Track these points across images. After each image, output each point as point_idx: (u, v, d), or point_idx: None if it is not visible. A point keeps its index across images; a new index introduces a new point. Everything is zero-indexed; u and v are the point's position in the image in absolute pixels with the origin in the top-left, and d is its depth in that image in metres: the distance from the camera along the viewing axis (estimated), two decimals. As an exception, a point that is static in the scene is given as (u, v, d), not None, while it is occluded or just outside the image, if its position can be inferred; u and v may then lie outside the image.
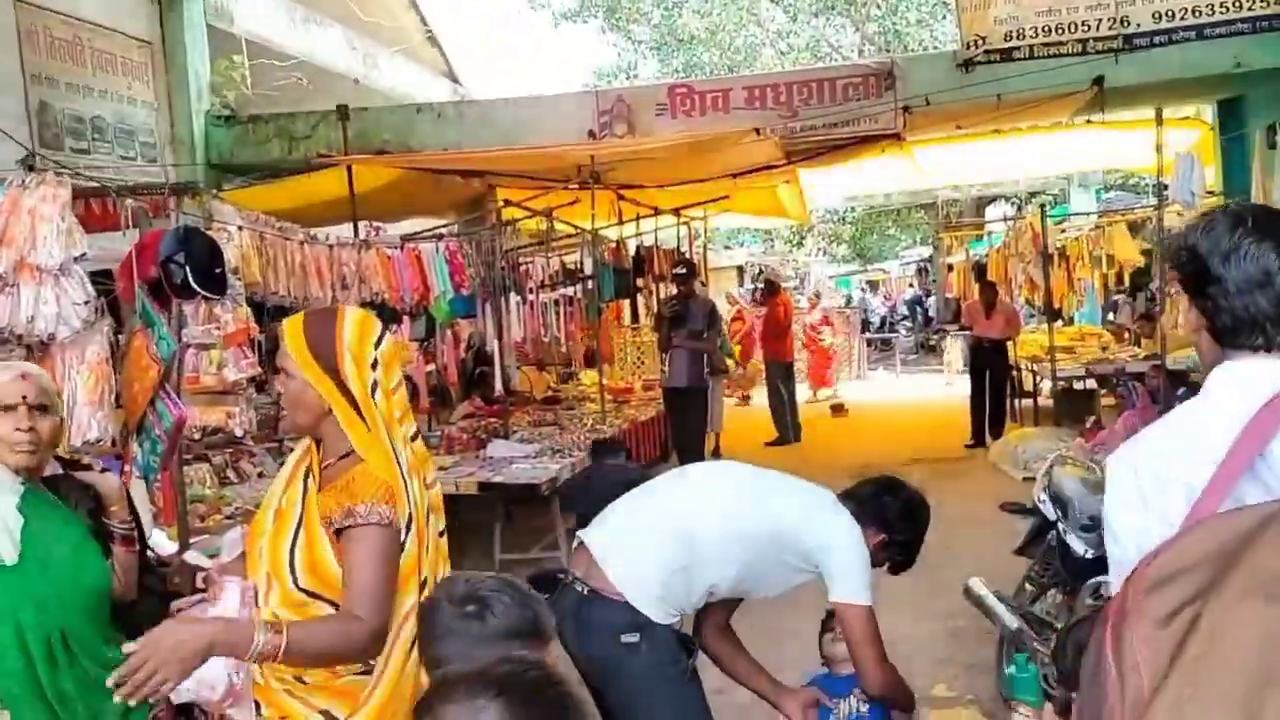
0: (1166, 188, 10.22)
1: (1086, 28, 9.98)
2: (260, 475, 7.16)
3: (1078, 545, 4.39)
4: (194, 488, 6.03)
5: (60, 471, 2.80)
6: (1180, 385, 9.82)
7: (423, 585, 2.27)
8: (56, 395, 2.72)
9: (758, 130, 9.74)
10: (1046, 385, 12.53)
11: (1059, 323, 13.67)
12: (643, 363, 15.26)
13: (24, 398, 2.51)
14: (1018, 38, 10.16)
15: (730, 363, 14.67)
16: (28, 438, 2.50)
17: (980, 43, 10.23)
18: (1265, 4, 9.52)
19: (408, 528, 2.22)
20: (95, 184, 4.93)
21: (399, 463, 2.24)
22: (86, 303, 3.66)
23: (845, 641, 3.17)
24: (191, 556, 2.73)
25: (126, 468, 3.80)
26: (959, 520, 8.12)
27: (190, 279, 4.11)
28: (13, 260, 3.55)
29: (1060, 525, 4.58)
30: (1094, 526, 4.38)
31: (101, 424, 3.67)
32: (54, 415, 2.60)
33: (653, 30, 25.82)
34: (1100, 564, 4.32)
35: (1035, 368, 12.20)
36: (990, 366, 11.58)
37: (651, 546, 3.06)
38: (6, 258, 3.55)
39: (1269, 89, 10.05)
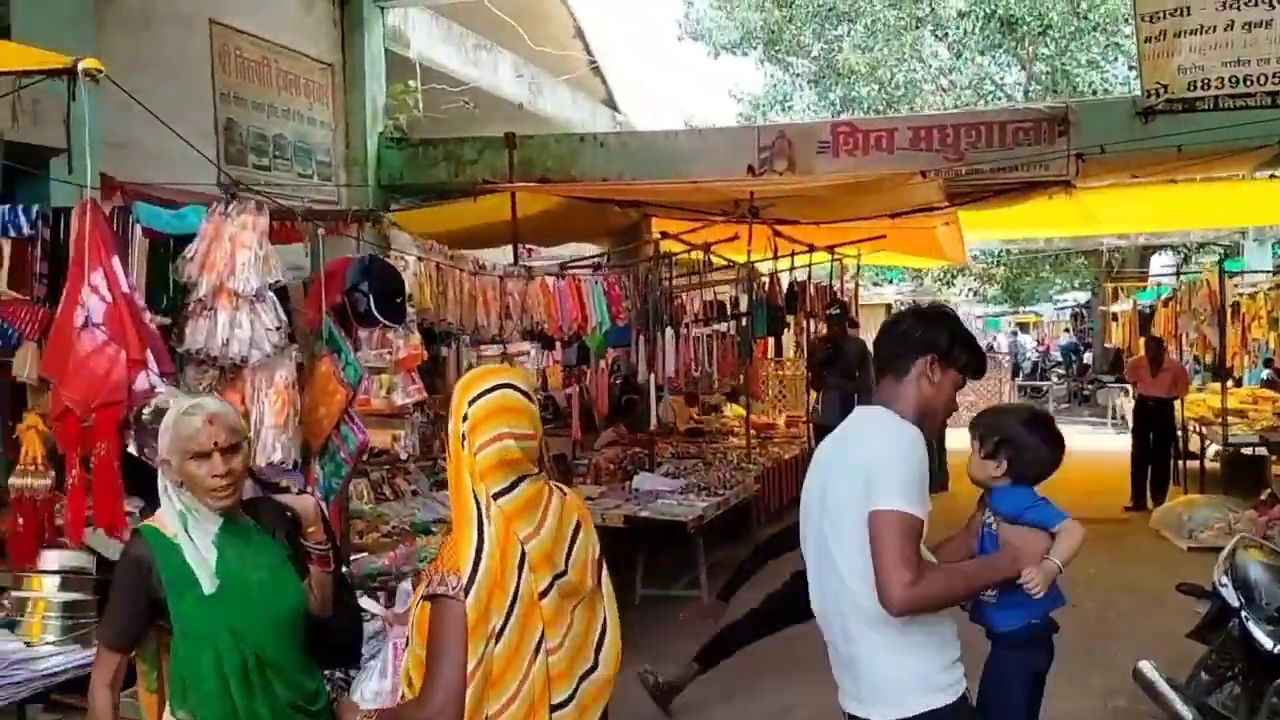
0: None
1: (1278, 79, 9.49)
2: (414, 493, 7.34)
3: (1264, 638, 4.14)
4: (352, 504, 6.20)
5: (259, 495, 2.89)
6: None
7: (494, 637, 2.27)
8: (243, 424, 2.81)
9: (924, 173, 9.55)
10: (1213, 449, 11.94)
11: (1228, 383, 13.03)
12: (784, 397, 15.15)
13: (215, 443, 2.59)
14: (1202, 88, 9.72)
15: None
16: (224, 483, 2.58)
17: (1162, 91, 9.83)
18: None
19: (470, 583, 2.25)
20: (280, 203, 5.13)
21: (475, 519, 2.29)
22: (278, 328, 3.80)
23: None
24: (366, 601, 2.82)
25: (309, 489, 3.92)
26: (1119, 590, 7.77)
27: (373, 307, 4.23)
28: (213, 285, 3.71)
29: (1244, 614, 4.33)
30: (1281, 619, 4.13)
31: (286, 446, 3.80)
32: (244, 448, 2.68)
33: (811, 63, 25.67)
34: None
35: (1203, 430, 11.61)
36: (1155, 426, 11.08)
37: None
38: (207, 283, 3.71)
39: None
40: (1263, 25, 9.44)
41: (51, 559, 3.38)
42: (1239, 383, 13.81)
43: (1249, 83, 9.57)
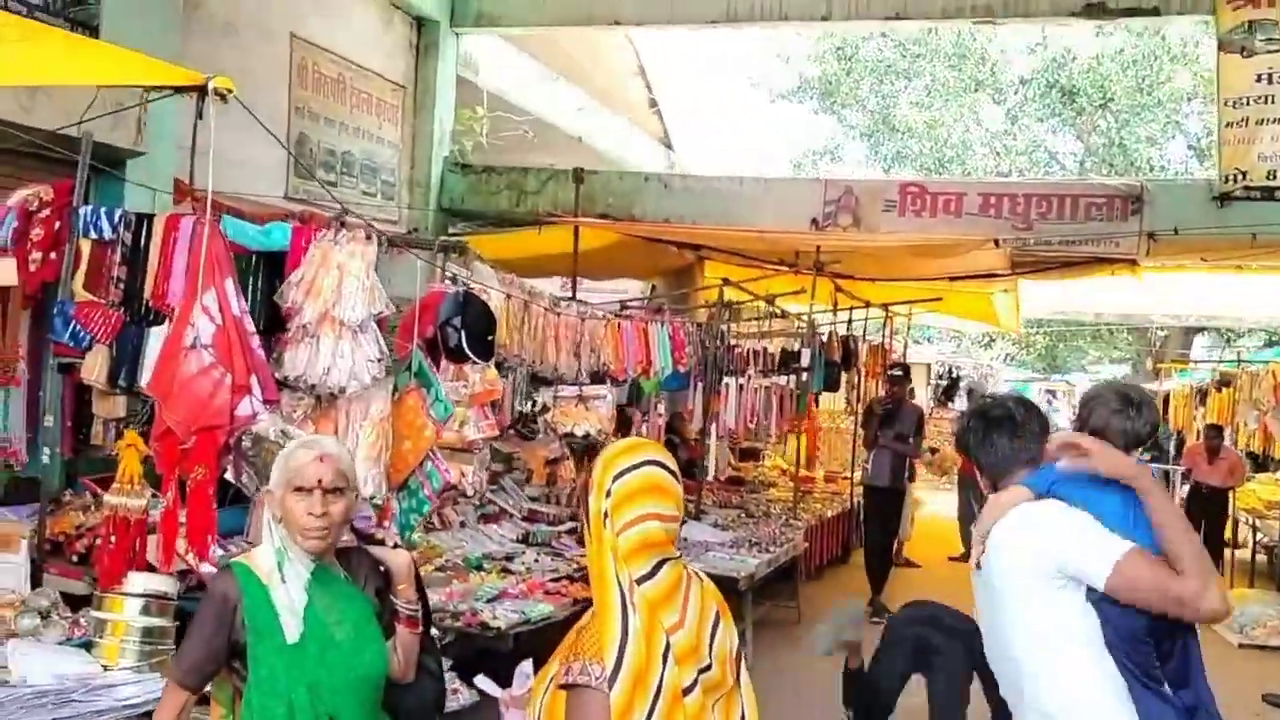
0: None
1: (1361, 173, 9.36)
2: (462, 525, 7.22)
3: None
4: (406, 533, 6.10)
5: (354, 544, 2.78)
6: None
7: None
8: (354, 472, 2.70)
9: (997, 241, 9.45)
10: (1262, 539, 11.69)
11: (1271, 474, 12.81)
12: (821, 450, 14.99)
13: (319, 481, 2.49)
14: (1282, 177, 9.60)
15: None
16: (319, 524, 2.48)
17: (1240, 177, 9.71)
18: None
19: (615, 674, 2.12)
20: (378, 230, 5.07)
21: (619, 605, 2.16)
22: (379, 360, 3.71)
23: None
24: (481, 681, 2.72)
25: (386, 523, 3.82)
26: (1174, 684, 7.57)
27: (465, 343, 4.15)
28: (318, 312, 3.62)
29: (1339, 733, 4.15)
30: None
31: (376, 480, 3.71)
32: (348, 495, 2.57)
33: (866, 116, 25.69)
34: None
35: (1257, 522, 11.37)
36: (1208, 515, 10.86)
37: None
38: (312, 309, 3.63)
39: None
40: (1349, 119, 9.32)
41: (137, 582, 3.28)
42: (1284, 474, 13.57)
43: (1330, 175, 9.44)
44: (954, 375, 24.00)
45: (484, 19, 11.62)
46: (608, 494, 2.22)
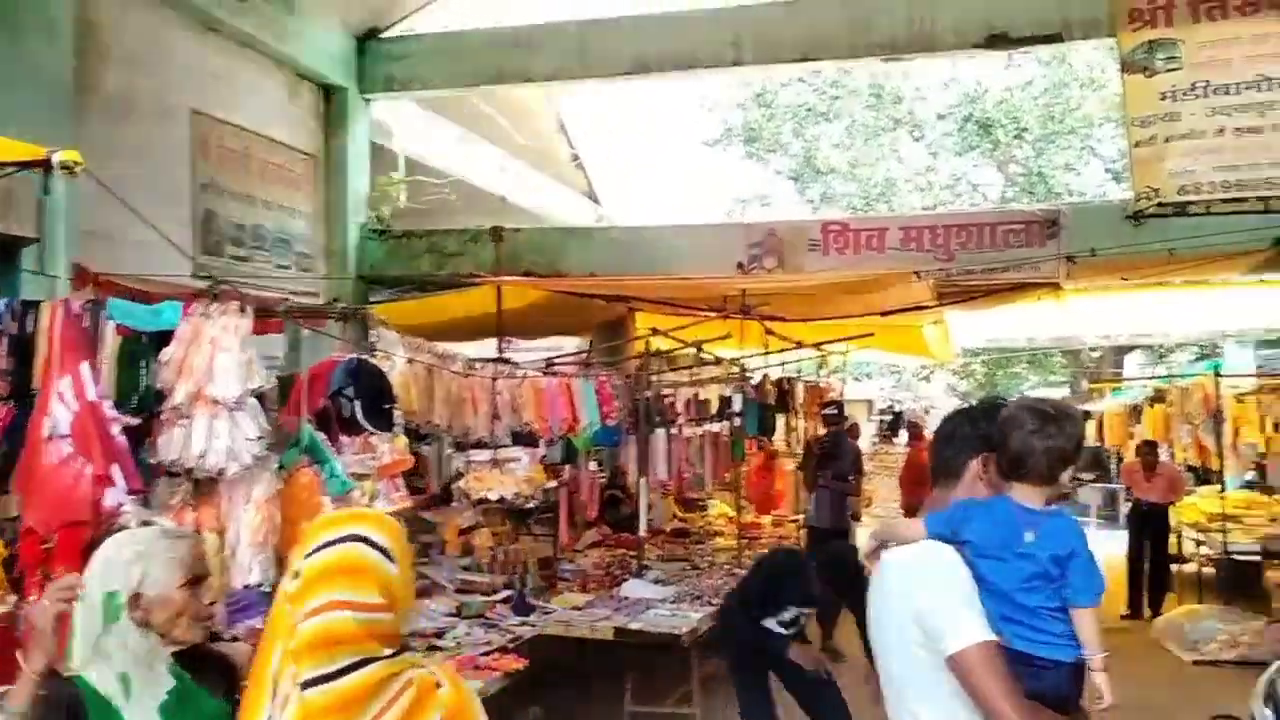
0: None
1: (1270, 185, 9.47)
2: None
3: (1317, 781, 3.82)
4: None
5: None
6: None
7: None
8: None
9: (919, 274, 9.44)
10: (1204, 553, 11.69)
11: (1210, 487, 12.85)
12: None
13: (201, 573, 2.28)
14: (1193, 192, 9.69)
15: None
16: (213, 610, 2.27)
17: (1153, 195, 9.79)
18: None
19: None
20: (260, 295, 4.87)
21: (264, 713, 1.82)
22: (259, 438, 3.50)
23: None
24: None
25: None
26: (1131, 709, 7.43)
27: (360, 414, 3.95)
28: (190, 391, 3.41)
29: (1292, 752, 4.02)
30: (1336, 760, 3.82)
31: (263, 566, 3.48)
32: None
33: (791, 160, 25.96)
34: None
35: (1201, 536, 11.38)
36: (1150, 532, 10.85)
37: None
38: (184, 389, 3.42)
39: None
40: (1253, 132, 9.45)
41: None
42: (1223, 486, 13.65)
43: (1240, 188, 9.55)
44: (895, 411, 24.05)
45: (394, 84, 11.51)
46: (296, 574, 1.90)
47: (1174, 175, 9.78)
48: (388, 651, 1.85)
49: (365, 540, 1.87)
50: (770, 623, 6.06)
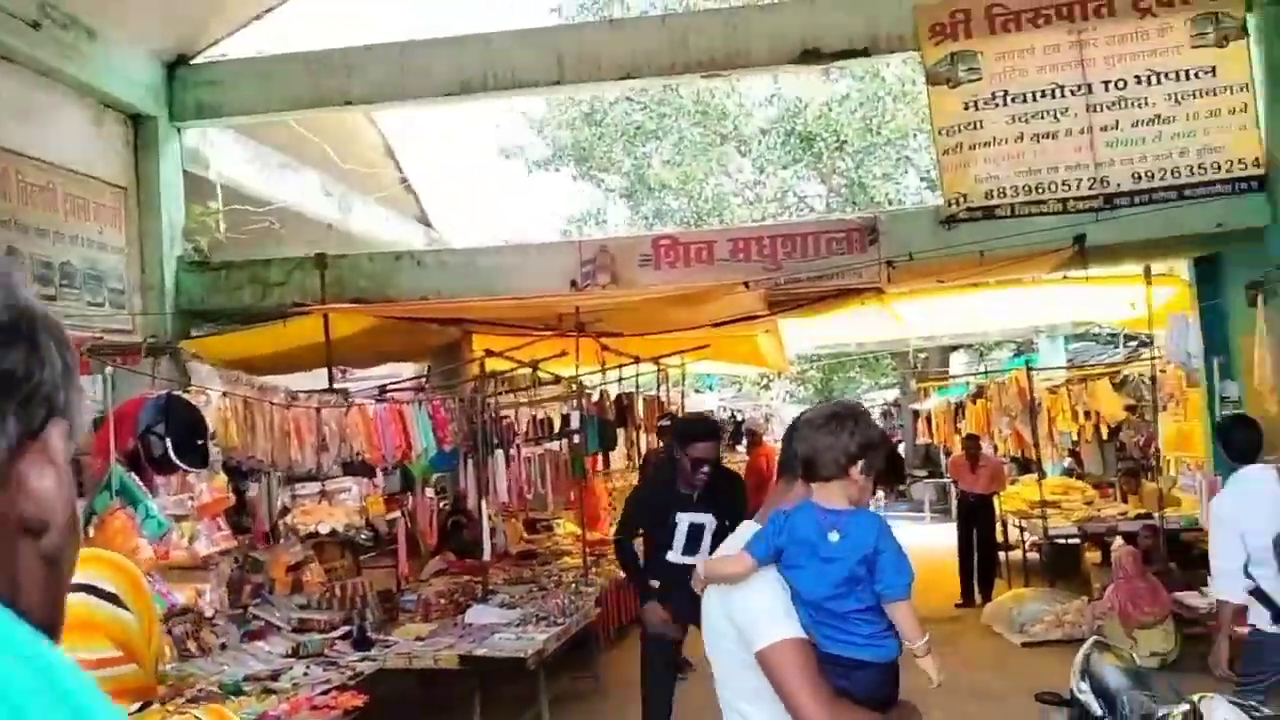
0: (1151, 342, 10.17)
1: (1067, 187, 10.04)
2: (223, 647, 6.66)
3: (1131, 747, 4.04)
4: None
5: None
6: (1174, 545, 9.62)
7: None
8: None
9: (747, 284, 9.63)
10: (1030, 540, 12.27)
11: (1031, 475, 13.51)
12: (614, 509, 14.89)
13: None
14: (999, 196, 10.19)
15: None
16: None
17: (962, 200, 10.27)
18: (1244, 166, 9.65)
19: None
20: (73, 335, 4.61)
21: None
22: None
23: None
24: None
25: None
26: (962, 693, 7.72)
27: (171, 452, 3.78)
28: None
29: (1106, 722, 4.24)
30: (1146, 725, 4.05)
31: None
32: None
33: (623, 178, 26.21)
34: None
35: (1023, 523, 11.94)
36: (977, 522, 11.33)
37: None
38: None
39: (1248, 248, 10.13)
40: (1050, 137, 10.01)
41: None
42: (1043, 474, 14.38)
43: (1040, 190, 10.10)
44: (737, 419, 24.47)
45: (205, 110, 11.11)
46: None
47: (980, 181, 10.27)
48: (134, 707, 1.70)
49: (91, 589, 1.65)
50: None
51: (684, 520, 5.77)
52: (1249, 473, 5.33)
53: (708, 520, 5.75)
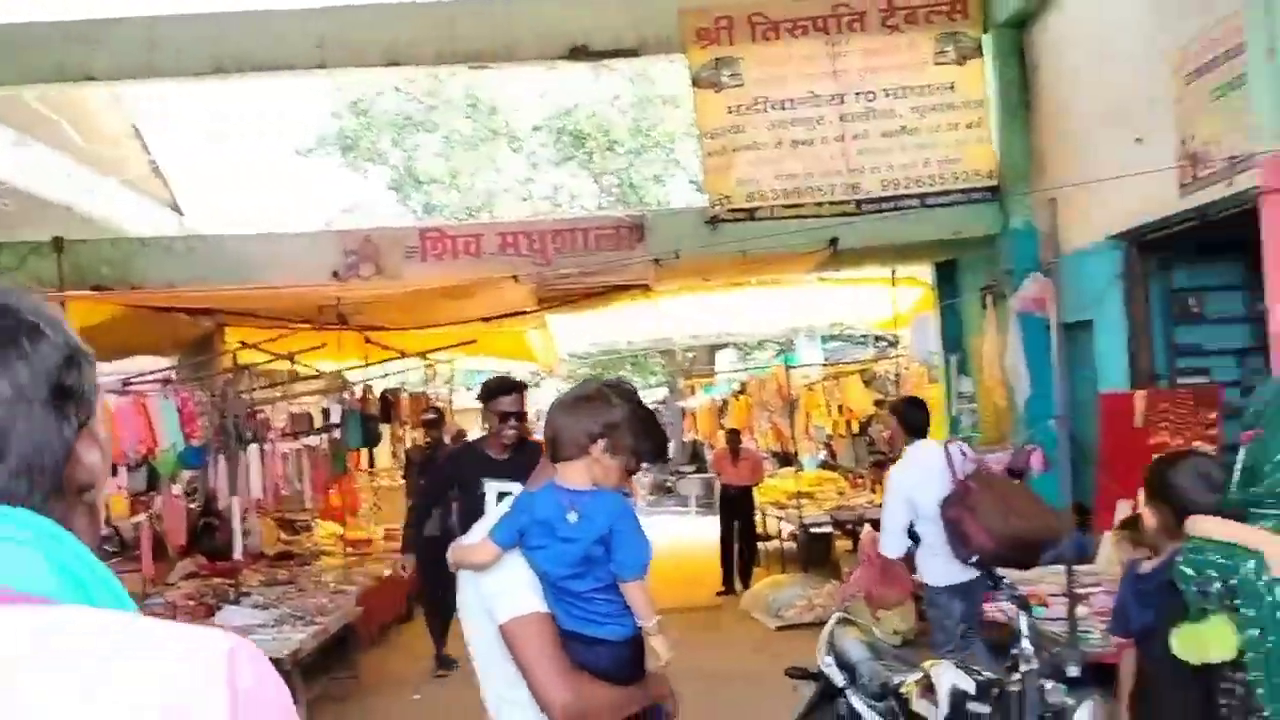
0: (898, 341, 10.80)
1: (822, 192, 10.52)
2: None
3: (870, 716, 4.27)
4: None
5: None
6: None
7: None
8: None
9: (516, 278, 9.61)
10: (787, 530, 12.80)
11: (789, 468, 14.11)
12: (379, 509, 14.56)
13: None
14: (760, 198, 10.58)
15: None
16: None
17: (725, 201, 10.59)
18: (978, 178, 10.38)
19: None
20: None
21: None
22: None
23: None
24: None
25: None
26: (720, 676, 7.98)
27: None
28: None
29: (849, 692, 4.47)
30: (884, 695, 4.28)
31: None
32: None
33: (391, 170, 25.67)
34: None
35: (781, 514, 12.45)
36: (737, 513, 11.72)
37: None
38: None
39: (981, 254, 10.90)
40: (806, 144, 10.46)
41: None
42: (800, 467, 15.05)
43: (798, 194, 10.54)
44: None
45: (-74, 80, 10.15)
46: None
47: (742, 183, 10.63)
48: None
49: None
50: None
51: (492, 488, 5.67)
52: (921, 446, 6.16)
53: (515, 489, 5.68)
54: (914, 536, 6.20)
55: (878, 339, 19.29)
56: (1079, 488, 6.56)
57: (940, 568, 5.95)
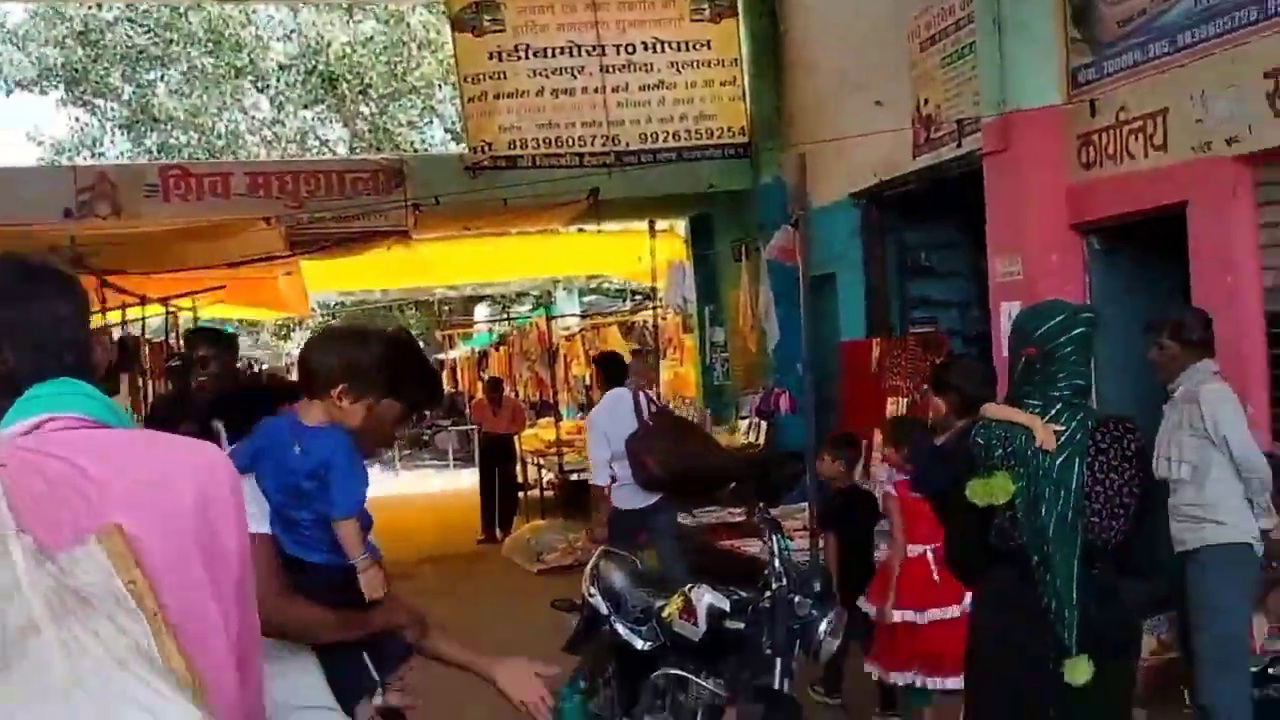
0: (655, 294, 11.13)
1: (583, 143, 10.65)
2: None
3: (634, 639, 4.45)
4: None
5: None
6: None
7: None
8: None
9: (267, 220, 9.26)
10: (548, 477, 12.98)
11: (549, 417, 14.30)
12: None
13: None
14: (521, 146, 10.60)
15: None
16: None
17: (486, 148, 10.55)
18: (731, 134, 10.77)
19: None
20: None
21: None
22: None
23: None
24: None
25: None
26: (484, 620, 8.06)
27: None
28: None
29: (613, 619, 4.64)
30: (646, 619, 4.48)
31: None
32: None
33: (123, 106, 23.93)
34: (655, 657, 4.43)
35: (541, 461, 12.60)
36: (498, 462, 11.79)
37: None
38: None
39: (734, 209, 11.35)
40: (567, 93, 10.55)
41: None
42: (560, 416, 15.27)
43: (559, 144, 10.63)
44: (253, 368, 23.44)
45: None
46: None
47: (504, 130, 10.61)
48: None
49: None
50: None
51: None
52: (617, 392, 7.17)
53: None
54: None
55: (634, 293, 19.73)
56: (822, 427, 7.00)
57: (627, 495, 6.96)
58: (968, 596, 4.22)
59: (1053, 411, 3.12)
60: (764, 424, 9.54)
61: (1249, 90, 5.32)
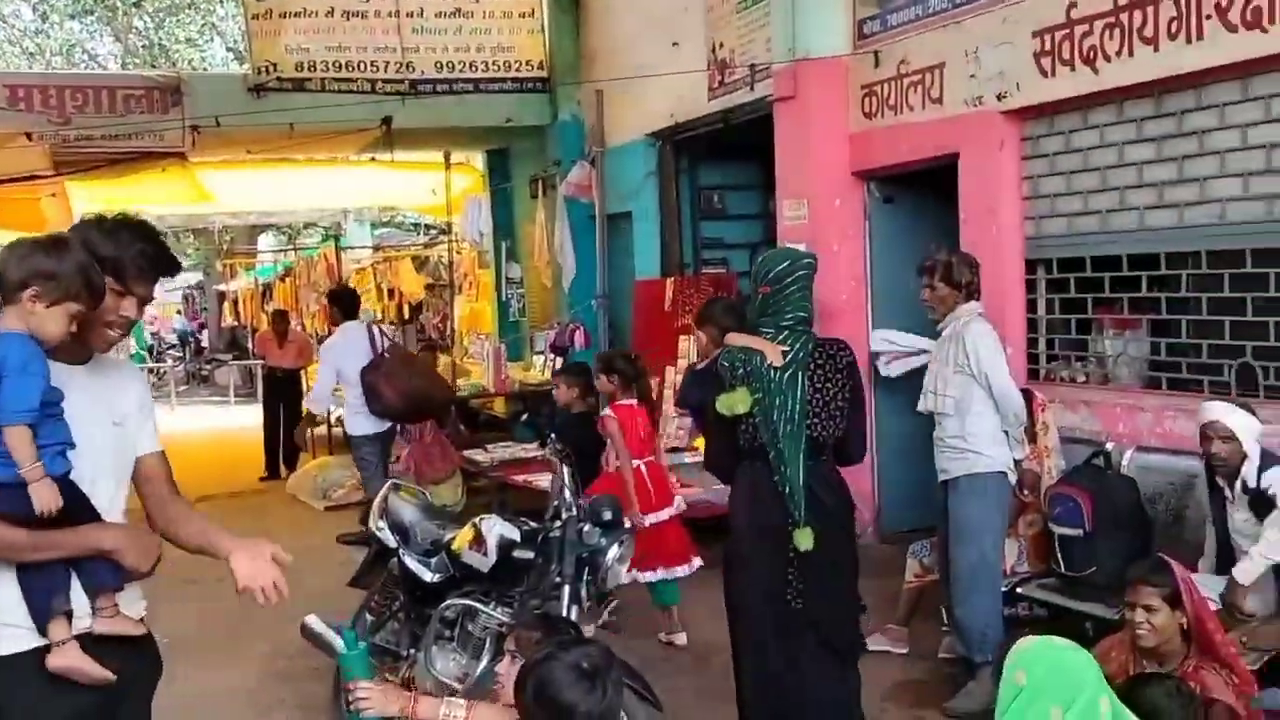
0: (450, 228, 10.95)
1: (375, 68, 10.30)
2: None
3: (422, 570, 4.44)
4: None
5: None
6: (466, 409, 10.57)
7: None
8: None
9: (30, 135, 8.59)
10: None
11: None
12: None
13: None
14: (309, 69, 10.16)
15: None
16: None
17: (271, 69, 10.07)
18: (530, 68, 10.65)
19: None
20: None
21: None
22: None
23: None
24: None
25: None
26: (285, 547, 7.85)
27: None
28: None
29: (402, 552, 4.61)
30: (435, 551, 4.48)
31: None
32: None
33: None
34: (443, 589, 4.43)
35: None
36: (284, 397, 11.43)
37: None
38: None
39: (532, 144, 11.26)
40: (360, 15, 10.17)
41: None
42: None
43: (350, 68, 10.24)
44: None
45: None
46: None
47: (290, 51, 10.14)
48: None
49: None
50: None
51: None
52: (350, 325, 7.82)
53: None
54: None
55: (428, 227, 19.31)
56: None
57: (361, 422, 7.66)
58: (677, 500, 5.77)
59: (781, 336, 3.76)
60: (559, 359, 9.58)
61: (1019, 48, 5.65)
